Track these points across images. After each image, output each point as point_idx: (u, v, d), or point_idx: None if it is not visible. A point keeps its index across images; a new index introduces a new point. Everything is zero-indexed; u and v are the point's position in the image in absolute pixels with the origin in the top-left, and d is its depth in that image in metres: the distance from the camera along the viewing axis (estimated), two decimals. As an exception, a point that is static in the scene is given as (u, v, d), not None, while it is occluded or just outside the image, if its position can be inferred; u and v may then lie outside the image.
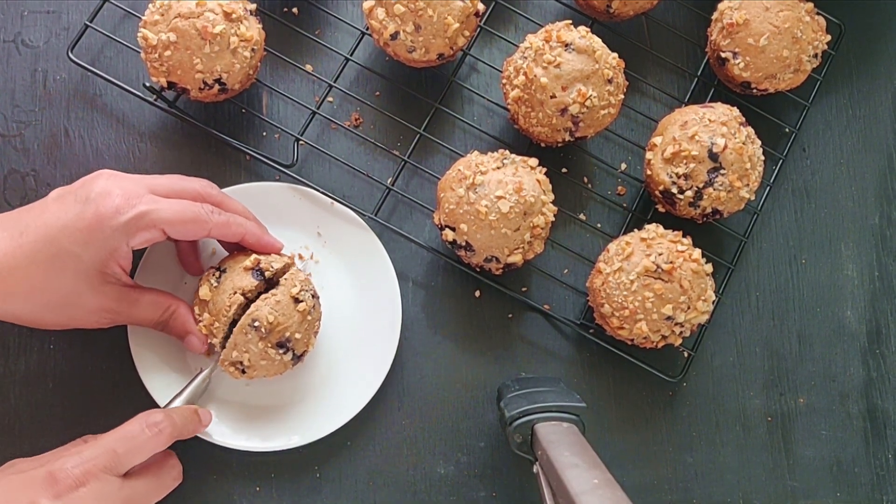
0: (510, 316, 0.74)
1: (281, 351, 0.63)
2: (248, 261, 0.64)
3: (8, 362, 0.69)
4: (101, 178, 0.61)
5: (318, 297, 0.67)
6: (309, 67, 0.76)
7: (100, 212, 0.58)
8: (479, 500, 0.70)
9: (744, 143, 0.68)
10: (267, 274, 0.64)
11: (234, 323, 0.63)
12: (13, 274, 0.58)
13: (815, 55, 0.74)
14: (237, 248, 0.67)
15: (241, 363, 0.64)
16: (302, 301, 0.64)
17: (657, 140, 0.71)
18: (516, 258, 0.67)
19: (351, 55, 0.76)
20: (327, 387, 0.69)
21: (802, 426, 0.74)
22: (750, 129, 0.70)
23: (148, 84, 0.72)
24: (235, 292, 0.63)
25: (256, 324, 0.62)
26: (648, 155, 0.71)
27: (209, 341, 0.65)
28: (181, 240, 0.64)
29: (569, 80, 0.68)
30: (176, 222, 0.60)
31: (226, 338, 0.64)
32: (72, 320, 0.62)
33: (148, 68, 0.68)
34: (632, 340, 0.68)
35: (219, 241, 0.68)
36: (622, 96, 0.71)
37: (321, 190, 0.72)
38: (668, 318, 0.66)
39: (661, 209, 0.74)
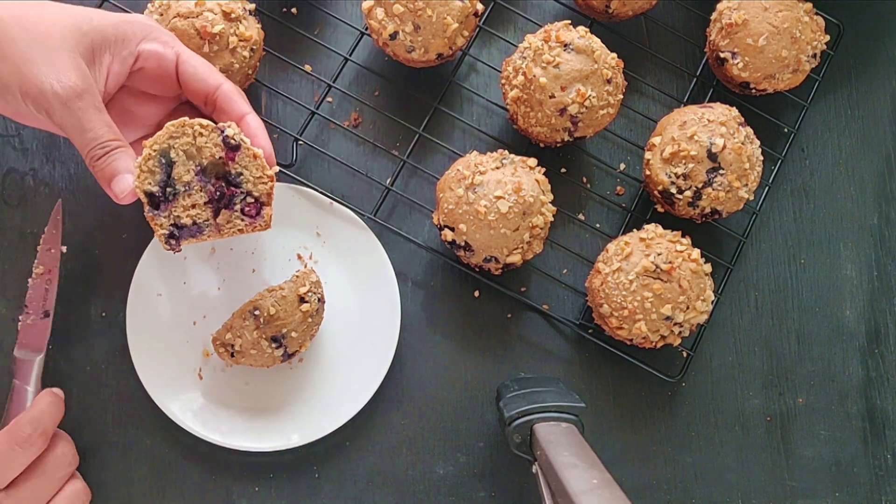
0: (509, 316, 0.74)
1: (274, 345, 0.64)
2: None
3: (7, 363, 0.69)
4: None
5: (323, 302, 0.67)
6: (308, 67, 0.76)
7: (124, 18, 0.59)
8: (479, 500, 0.70)
9: (743, 143, 0.68)
10: (228, 132, 0.58)
11: (169, 165, 0.58)
12: None
13: (814, 55, 0.74)
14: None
15: (233, 346, 0.64)
16: (307, 302, 0.64)
17: (656, 140, 0.71)
18: (515, 258, 0.67)
19: (350, 55, 0.76)
20: (326, 387, 0.69)
21: (801, 426, 0.74)
22: (749, 129, 0.70)
23: (147, 84, 0.72)
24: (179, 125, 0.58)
25: (256, 312, 0.62)
26: (647, 155, 0.71)
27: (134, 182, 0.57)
28: (186, 92, 0.62)
29: (568, 80, 0.68)
30: (194, 56, 0.61)
31: (151, 172, 0.58)
32: (17, 80, 0.54)
33: (147, 68, 0.68)
34: (631, 340, 0.68)
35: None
36: (621, 96, 0.71)
37: (320, 190, 0.72)
38: (667, 317, 0.66)
39: (660, 209, 0.74)
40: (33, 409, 0.61)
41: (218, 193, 0.59)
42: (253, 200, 0.60)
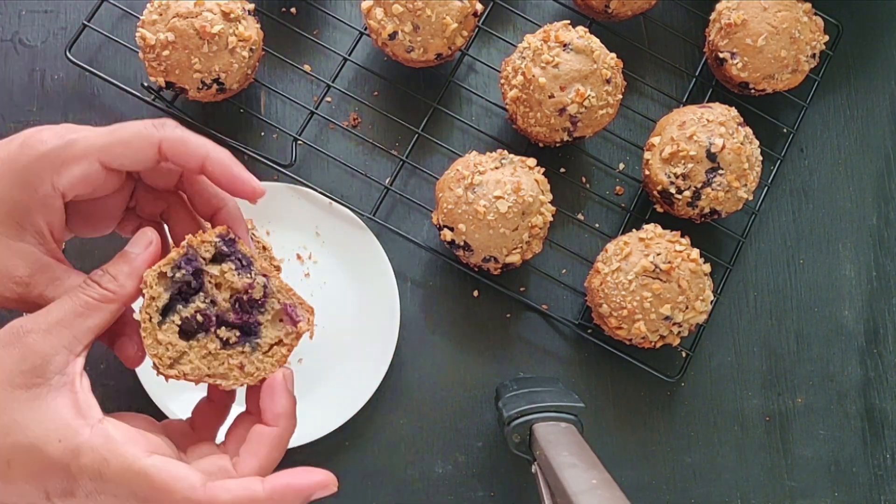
0: (508, 316, 0.74)
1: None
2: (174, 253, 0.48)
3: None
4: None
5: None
6: (307, 67, 0.76)
7: (25, 143, 0.46)
8: (478, 500, 0.70)
9: (742, 144, 0.68)
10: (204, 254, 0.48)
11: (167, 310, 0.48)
12: None
13: (813, 55, 0.74)
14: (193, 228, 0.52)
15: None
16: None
17: (655, 140, 0.71)
18: (514, 258, 0.67)
19: (349, 55, 0.76)
20: (325, 386, 0.69)
21: (800, 426, 0.74)
22: (748, 129, 0.70)
23: (146, 84, 0.72)
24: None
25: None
26: (647, 155, 0.71)
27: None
28: (136, 176, 0.50)
29: (567, 80, 0.68)
30: (114, 143, 0.46)
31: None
32: None
33: (146, 68, 0.68)
34: (630, 340, 0.68)
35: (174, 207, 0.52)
36: (620, 96, 0.71)
37: (319, 190, 0.72)
38: (667, 317, 0.66)
39: (659, 209, 0.74)
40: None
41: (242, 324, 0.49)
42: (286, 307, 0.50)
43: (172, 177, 0.51)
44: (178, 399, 0.67)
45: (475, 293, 0.74)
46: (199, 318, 0.48)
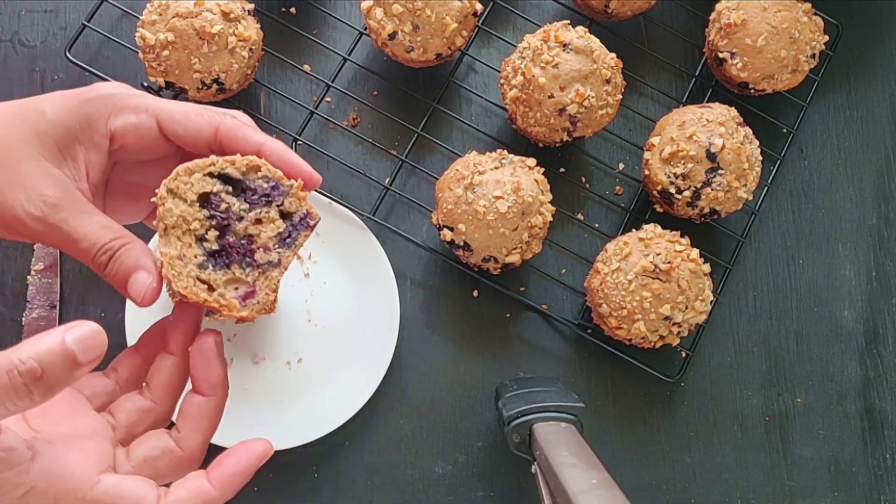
0: (508, 316, 0.74)
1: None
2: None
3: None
4: None
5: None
6: (307, 67, 0.76)
7: (93, 86, 0.48)
8: (478, 500, 0.70)
9: (742, 144, 0.68)
10: (232, 172, 0.47)
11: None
12: None
13: (813, 55, 0.74)
14: None
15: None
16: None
17: (655, 140, 0.71)
18: (514, 258, 0.67)
19: (349, 55, 0.76)
20: (325, 386, 0.69)
21: (800, 426, 0.74)
22: (748, 129, 0.70)
23: (146, 84, 0.72)
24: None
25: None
26: (646, 155, 0.71)
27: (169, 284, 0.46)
28: (184, 147, 0.50)
29: (567, 80, 0.68)
30: (175, 109, 0.48)
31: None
32: None
33: (146, 68, 0.68)
34: (630, 340, 0.68)
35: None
36: (620, 96, 0.71)
37: (319, 190, 0.72)
38: (666, 317, 0.66)
39: (659, 209, 0.74)
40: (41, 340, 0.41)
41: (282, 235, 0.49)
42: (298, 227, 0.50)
43: None
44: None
45: (475, 293, 0.74)
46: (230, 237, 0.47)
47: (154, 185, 0.48)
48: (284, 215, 0.49)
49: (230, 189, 0.47)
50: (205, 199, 0.47)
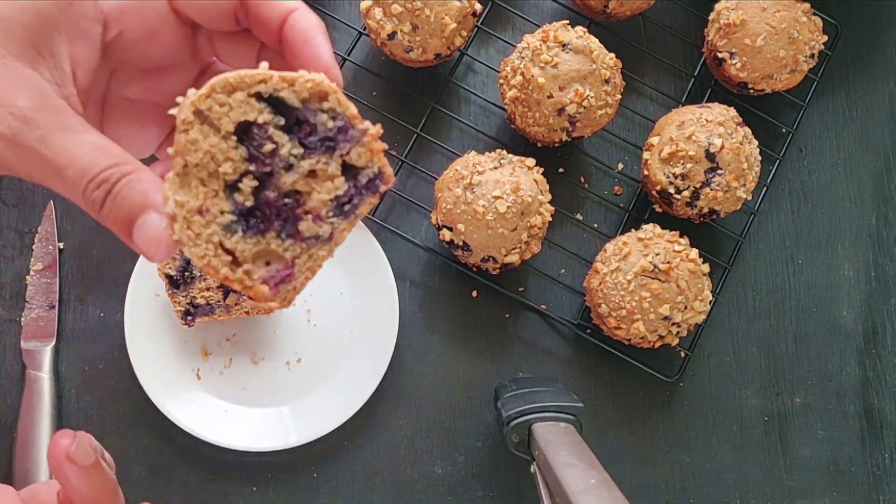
0: (507, 316, 0.74)
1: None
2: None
3: (4, 363, 0.69)
4: None
5: None
6: (306, 67, 0.76)
7: None
8: (477, 500, 0.70)
9: (741, 144, 0.68)
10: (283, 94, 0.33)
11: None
12: None
13: (812, 55, 0.74)
14: None
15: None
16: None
17: (654, 140, 0.71)
18: (513, 258, 0.67)
19: (348, 55, 0.76)
20: (324, 386, 0.69)
21: (799, 426, 0.74)
22: (747, 129, 0.70)
23: (145, 84, 0.72)
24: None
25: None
26: (645, 155, 0.71)
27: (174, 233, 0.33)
28: (200, 22, 0.37)
29: (566, 80, 0.68)
30: None
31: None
32: None
33: (145, 68, 0.68)
34: (629, 340, 0.68)
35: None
36: (619, 96, 0.71)
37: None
38: (666, 317, 0.66)
39: (658, 209, 0.74)
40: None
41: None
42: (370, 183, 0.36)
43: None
44: (177, 399, 0.67)
45: (474, 293, 0.74)
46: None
47: (167, 103, 0.35)
48: (346, 170, 0.35)
49: (281, 122, 0.34)
50: (243, 133, 0.33)
